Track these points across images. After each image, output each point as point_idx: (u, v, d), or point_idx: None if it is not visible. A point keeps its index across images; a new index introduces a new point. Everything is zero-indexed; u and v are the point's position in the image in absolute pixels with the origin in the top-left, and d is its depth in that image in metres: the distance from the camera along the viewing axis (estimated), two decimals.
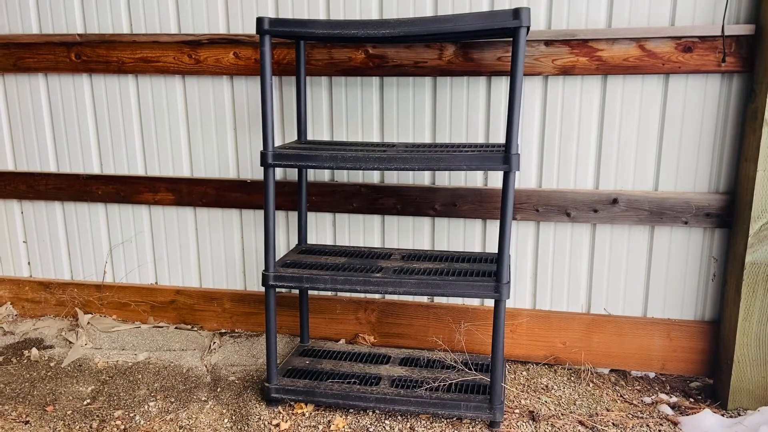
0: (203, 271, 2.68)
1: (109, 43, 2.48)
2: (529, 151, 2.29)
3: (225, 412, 2.10)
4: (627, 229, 2.28)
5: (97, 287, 2.76)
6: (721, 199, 2.16)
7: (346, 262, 2.13)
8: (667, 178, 2.21)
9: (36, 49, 2.55)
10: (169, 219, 2.64)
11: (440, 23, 1.72)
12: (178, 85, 2.51)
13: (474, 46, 2.22)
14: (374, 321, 2.52)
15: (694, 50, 2.07)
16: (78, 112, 2.62)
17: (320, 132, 2.42)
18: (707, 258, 2.24)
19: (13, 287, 2.85)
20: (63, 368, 2.41)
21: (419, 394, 2.00)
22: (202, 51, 2.42)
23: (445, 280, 1.91)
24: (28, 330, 2.71)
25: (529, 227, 2.35)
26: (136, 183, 2.61)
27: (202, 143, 2.54)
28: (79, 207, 2.72)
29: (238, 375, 2.33)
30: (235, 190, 2.53)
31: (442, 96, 2.30)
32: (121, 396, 2.21)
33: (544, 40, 2.16)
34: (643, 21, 2.11)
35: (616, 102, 2.19)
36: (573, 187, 2.29)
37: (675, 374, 2.34)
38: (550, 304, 2.40)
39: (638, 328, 2.32)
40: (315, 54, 2.32)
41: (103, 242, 2.73)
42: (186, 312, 2.71)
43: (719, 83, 2.11)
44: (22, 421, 2.06)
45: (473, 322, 2.43)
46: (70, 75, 2.58)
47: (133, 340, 2.61)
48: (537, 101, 2.25)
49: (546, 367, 2.40)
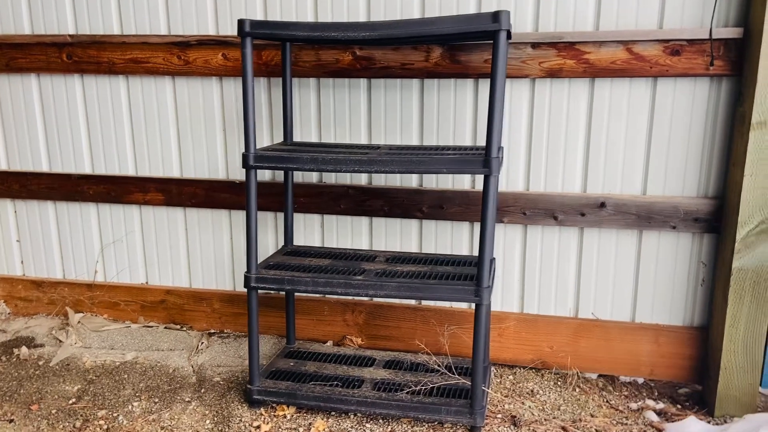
0: (193, 271, 2.68)
1: (100, 44, 2.49)
2: (517, 154, 2.27)
3: (207, 413, 2.10)
4: (615, 233, 2.26)
5: (88, 286, 2.78)
6: (709, 203, 2.14)
7: (329, 264, 2.13)
8: (656, 183, 2.19)
9: (28, 49, 2.56)
10: (160, 219, 2.65)
11: (420, 26, 1.71)
12: (168, 86, 2.52)
13: (461, 48, 2.21)
14: (362, 323, 2.51)
15: (683, 53, 2.05)
16: (70, 112, 2.63)
17: (308, 133, 2.42)
18: (696, 263, 2.22)
19: (6, 286, 2.87)
20: (51, 367, 2.42)
21: (400, 397, 1.99)
22: (191, 52, 2.43)
23: (425, 283, 1.90)
24: (20, 328, 2.73)
25: (517, 230, 2.33)
26: (126, 183, 2.62)
27: (192, 144, 2.55)
28: (71, 207, 2.73)
29: (224, 376, 2.33)
30: (224, 191, 2.53)
31: (429, 98, 2.30)
32: (106, 396, 2.22)
33: (531, 43, 2.14)
34: (631, 23, 2.10)
35: (604, 105, 2.17)
36: (561, 190, 2.27)
37: (664, 380, 2.32)
38: (538, 307, 2.38)
39: (626, 333, 2.30)
40: (303, 55, 2.32)
41: (94, 242, 2.75)
42: (176, 312, 2.71)
43: (708, 87, 2.09)
44: (6, 420, 2.07)
45: (460, 325, 2.41)
46: (61, 75, 2.60)
47: (122, 340, 2.62)
48: (524, 104, 2.23)
49: (533, 372, 2.39)
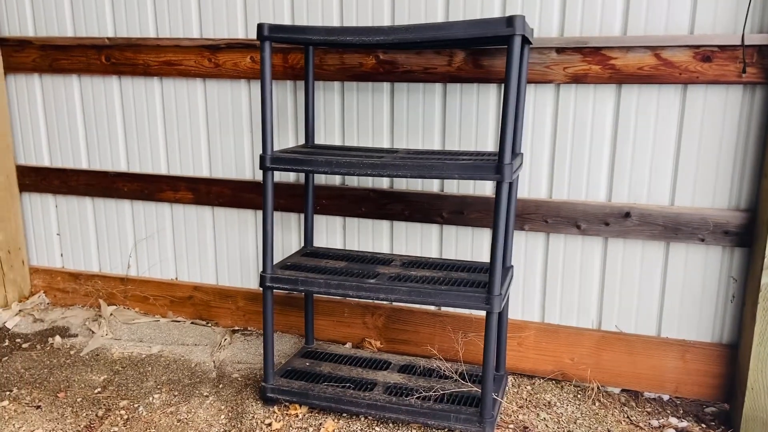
0: (220, 268, 2.74)
1: (136, 46, 2.58)
2: (540, 160, 2.23)
3: (223, 408, 2.14)
4: (640, 244, 2.19)
5: (121, 280, 2.88)
6: (741, 216, 2.05)
7: (345, 266, 2.14)
8: (684, 193, 2.12)
9: (70, 51, 2.68)
10: (189, 217, 2.73)
11: (434, 30, 1.71)
12: (199, 88, 2.58)
13: (484, 53, 2.19)
14: (381, 326, 2.52)
15: (714, 60, 1.98)
16: (108, 112, 2.74)
17: (332, 136, 2.44)
18: (726, 278, 2.13)
19: (46, 277, 3.00)
20: (81, 357, 2.52)
21: (410, 402, 1.99)
22: (221, 55, 2.49)
23: (436, 289, 1.89)
24: (57, 318, 2.85)
25: (539, 238, 2.29)
26: (158, 181, 2.70)
27: (221, 144, 2.61)
28: (107, 203, 2.84)
29: (242, 372, 2.38)
30: (250, 191, 2.58)
31: (451, 102, 2.28)
32: (129, 386, 2.29)
33: (556, 47, 2.11)
34: (660, 28, 2.03)
35: (631, 112, 2.11)
36: (584, 198, 2.22)
37: (691, 398, 2.23)
38: (560, 318, 2.33)
39: (651, 347, 2.23)
40: (327, 59, 2.35)
41: (128, 237, 2.85)
42: (202, 308, 2.78)
43: (740, 95, 2.00)
44: (34, 406, 2.17)
45: (478, 332, 2.39)
46: (100, 77, 2.71)
47: (150, 333, 2.70)
48: (548, 109, 2.19)
49: (552, 383, 2.34)
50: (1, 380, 2.33)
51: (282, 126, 2.49)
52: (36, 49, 2.73)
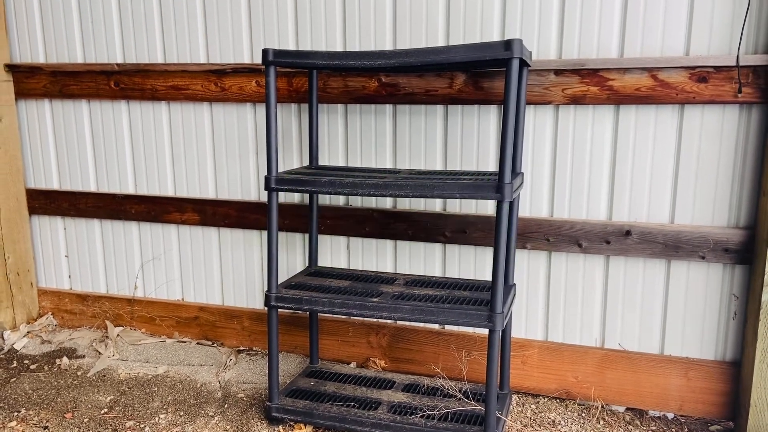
0: (225, 289, 2.77)
1: (144, 72, 2.65)
2: (540, 180, 2.27)
3: (228, 428, 2.15)
4: (642, 262, 2.21)
5: (128, 301, 2.91)
6: (741, 234, 2.07)
7: (349, 285, 2.17)
8: (684, 211, 2.14)
9: (80, 77, 2.74)
10: (195, 238, 2.76)
11: (433, 54, 1.75)
12: (205, 112, 2.64)
13: (484, 75, 2.23)
14: (385, 345, 2.53)
15: (710, 80, 2.01)
16: (116, 136, 2.79)
17: (335, 157, 2.48)
18: (727, 295, 2.14)
19: (54, 299, 3.04)
20: (88, 378, 2.54)
21: (414, 421, 1.99)
22: (227, 79, 2.54)
23: (439, 307, 1.91)
24: (64, 340, 2.88)
25: (541, 257, 2.31)
26: (165, 203, 2.75)
27: (227, 166, 2.65)
28: (115, 225, 2.88)
29: (248, 392, 2.39)
30: (256, 212, 2.62)
31: (453, 124, 2.32)
32: (135, 407, 2.31)
33: (554, 69, 2.15)
34: (656, 50, 2.07)
35: (629, 132, 2.15)
36: (585, 217, 2.24)
37: (695, 416, 2.23)
38: (563, 336, 2.35)
39: (654, 365, 2.23)
40: (331, 82, 2.40)
41: (135, 258, 2.88)
42: (208, 328, 2.80)
43: (737, 114, 2.04)
44: (41, 426, 2.19)
45: (482, 351, 2.40)
46: (109, 101, 2.76)
47: (156, 354, 2.72)
48: (548, 130, 2.23)
49: (557, 402, 2.34)
50: (10, 401, 2.35)
51: (287, 148, 2.54)
52: (46, 75, 2.80)
